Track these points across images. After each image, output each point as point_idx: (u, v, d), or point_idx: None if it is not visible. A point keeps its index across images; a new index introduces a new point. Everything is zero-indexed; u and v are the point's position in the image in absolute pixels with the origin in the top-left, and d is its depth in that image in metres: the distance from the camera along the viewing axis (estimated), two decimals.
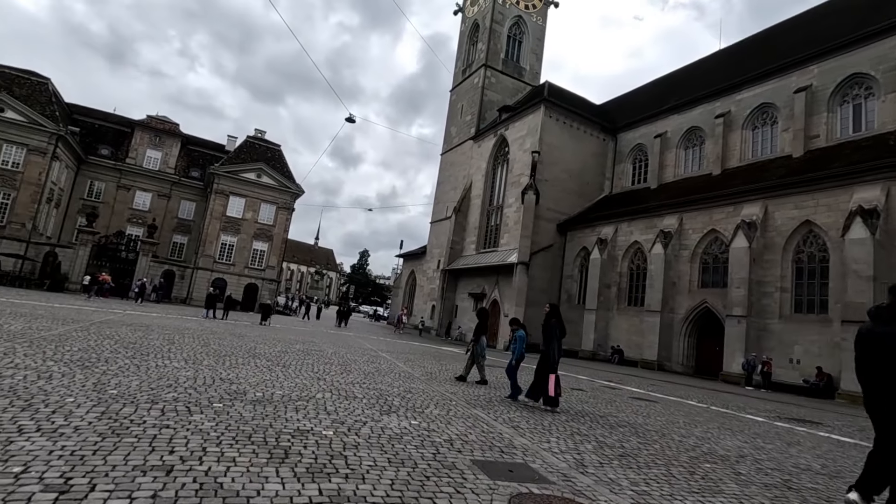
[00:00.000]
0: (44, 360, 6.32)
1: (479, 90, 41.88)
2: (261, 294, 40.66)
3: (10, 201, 33.76)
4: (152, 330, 12.97)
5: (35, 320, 11.49)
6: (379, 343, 21.35)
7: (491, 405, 7.67)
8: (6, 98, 33.69)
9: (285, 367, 8.99)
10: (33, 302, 18.35)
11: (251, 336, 15.49)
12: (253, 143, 43.20)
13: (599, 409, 8.95)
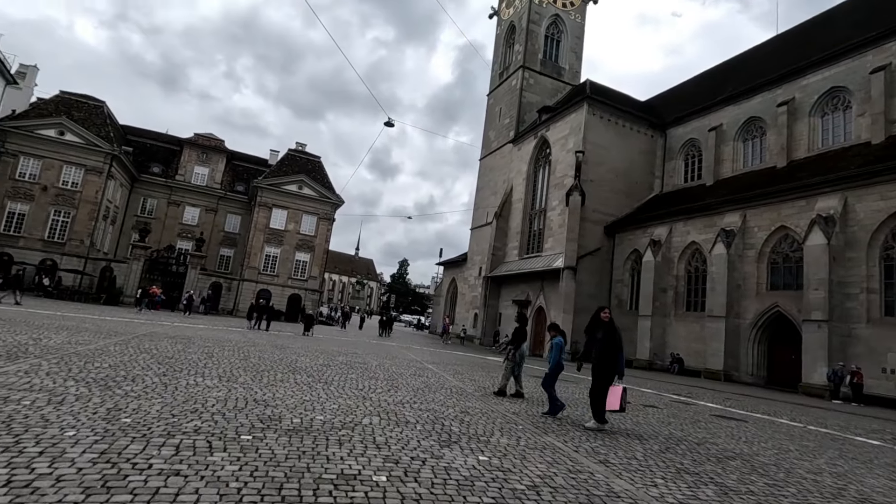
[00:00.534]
0: (64, 380, 5.64)
1: (517, 92, 40.73)
2: (304, 304, 40.65)
3: (70, 219, 35.13)
4: (193, 342, 12.47)
5: (78, 334, 11.16)
6: (423, 353, 20.40)
7: (563, 430, 6.50)
8: (66, 122, 35.23)
9: (327, 383, 8.11)
10: (85, 315, 18.49)
11: (293, 348, 14.84)
12: (294, 156, 43.60)
13: (688, 432, 7.57)
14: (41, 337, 9.64)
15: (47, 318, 14.92)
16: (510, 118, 41.36)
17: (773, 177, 25.26)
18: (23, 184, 33.93)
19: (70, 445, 3.38)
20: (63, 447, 3.33)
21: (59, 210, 34.84)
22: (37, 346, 8.21)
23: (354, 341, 23.48)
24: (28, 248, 33.71)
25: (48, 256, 34.16)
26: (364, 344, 22.02)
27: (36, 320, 13.39)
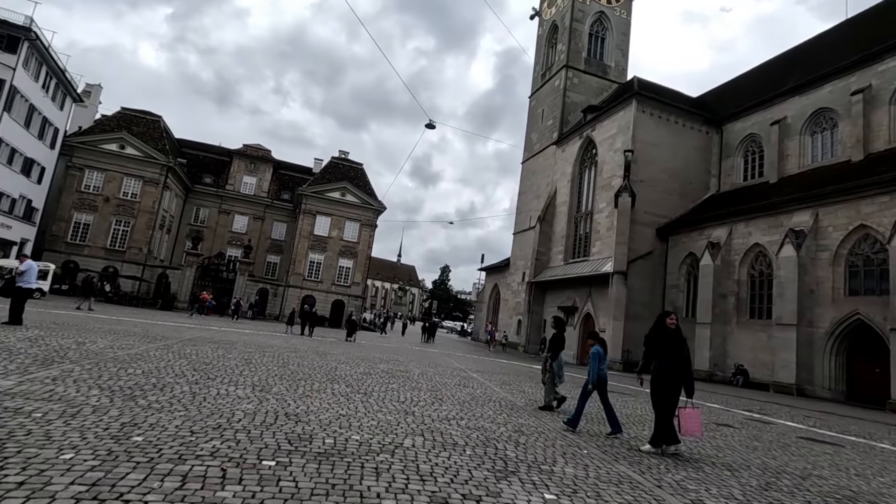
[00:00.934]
0: (89, 389, 5.25)
1: (561, 92, 39.48)
2: (347, 310, 40.77)
3: (130, 229, 36.74)
4: (235, 347, 12.23)
5: (123, 338, 11.12)
6: (467, 361, 19.60)
7: (634, 455, 5.56)
8: (126, 136, 36.98)
9: (367, 394, 7.48)
10: (138, 319, 18.89)
11: (334, 354, 14.42)
12: (337, 164, 44.07)
13: (782, 460, 6.41)
14: (86, 341, 9.56)
15: (101, 322, 15.19)
16: (553, 119, 40.12)
17: (848, 171, 22.93)
18: (87, 195, 35.79)
19: (60, 473, 2.84)
20: (50, 475, 2.79)
21: (120, 220, 36.51)
22: (77, 351, 8.04)
23: (397, 347, 23.00)
24: (92, 256, 35.45)
25: (110, 264, 35.80)
26: (406, 350, 21.47)
27: (89, 324, 13.59)
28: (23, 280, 10.60)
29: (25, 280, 10.64)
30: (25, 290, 10.63)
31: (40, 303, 20.79)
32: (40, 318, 13.17)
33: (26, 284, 10.64)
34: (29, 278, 10.71)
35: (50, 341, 8.76)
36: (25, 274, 10.63)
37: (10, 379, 5.25)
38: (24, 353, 7.11)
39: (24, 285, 10.59)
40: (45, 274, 23.97)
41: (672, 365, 5.90)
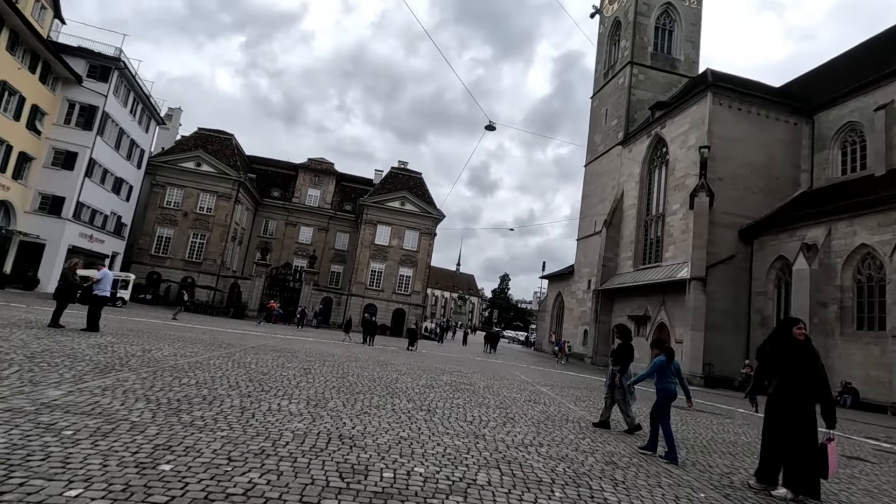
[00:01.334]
0: (135, 401, 4.85)
1: (626, 90, 37.41)
2: (408, 319, 40.62)
3: (205, 241, 38.78)
4: (296, 356, 11.95)
5: (190, 346, 11.12)
6: (533, 374, 18.43)
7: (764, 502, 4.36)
8: (202, 154, 39.23)
9: (430, 411, 6.70)
10: (209, 327, 19.42)
11: (395, 364, 13.85)
12: (396, 174, 44.37)
13: None
14: (152, 348, 9.53)
15: (175, 329, 15.59)
16: (618, 119, 38.08)
17: None
18: (168, 211, 38.22)
19: None
20: None
21: (197, 233, 38.63)
22: (140, 359, 7.90)
23: (459, 358, 22.21)
24: (173, 268, 37.70)
25: (188, 274, 37.89)
26: (469, 361, 20.62)
27: (162, 332, 13.92)
28: (98, 288, 10.88)
29: (101, 288, 10.92)
30: (101, 297, 10.90)
31: (123, 311, 22.00)
32: (119, 326, 13.62)
33: (101, 292, 10.91)
34: (104, 286, 10.98)
35: (118, 348, 8.75)
36: (101, 282, 10.91)
37: (61, 388, 4.96)
38: (87, 360, 6.99)
39: (99, 293, 10.86)
40: (126, 283, 25.45)
41: (800, 385, 4.64)
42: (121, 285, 24.37)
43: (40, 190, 27.04)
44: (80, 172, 27.71)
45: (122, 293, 24.60)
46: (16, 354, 6.59)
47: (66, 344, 8.28)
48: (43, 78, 26.09)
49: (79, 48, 28.09)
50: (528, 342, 55.64)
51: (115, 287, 23.72)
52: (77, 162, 27.67)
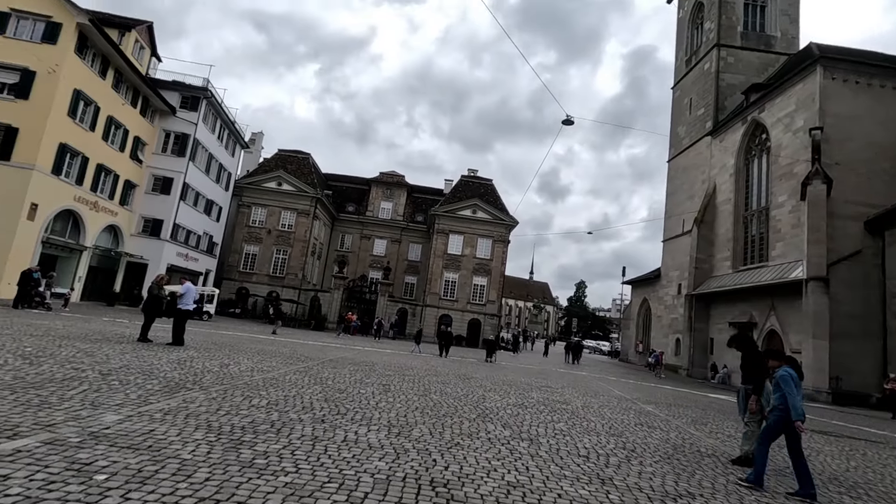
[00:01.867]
0: (195, 429, 4.15)
1: (713, 76, 34.05)
2: (483, 329, 39.42)
3: (287, 257, 40.27)
4: (374, 370, 11.22)
5: (269, 359, 10.76)
6: (627, 388, 16.51)
7: None
8: (283, 174, 40.97)
9: (533, 441, 5.50)
10: (290, 339, 19.52)
11: (477, 378, 12.73)
12: (467, 182, 43.66)
13: None
14: (230, 363, 9.18)
15: (258, 343, 15.63)
16: (704, 108, 34.72)
17: None
18: (254, 229, 40.18)
19: None
20: None
21: (279, 249, 40.23)
22: (214, 375, 7.44)
23: (541, 370, 20.65)
24: (259, 283, 39.46)
25: (273, 289, 39.46)
26: (553, 374, 19.02)
27: (244, 345, 13.88)
28: (182, 302, 10.86)
29: (184, 302, 10.89)
30: (184, 311, 10.86)
31: (211, 324, 22.84)
32: (205, 340, 13.75)
33: (185, 306, 10.88)
34: (187, 301, 10.95)
35: (196, 364, 8.43)
36: (184, 296, 10.89)
37: (120, 412, 4.39)
38: (161, 377, 6.58)
39: (182, 307, 10.83)
40: (211, 298, 26.53)
41: None
42: (206, 299, 25.49)
43: (143, 214, 29.24)
44: (176, 196, 29.67)
45: (208, 307, 25.73)
46: (92, 371, 6.29)
47: (147, 359, 8.06)
48: (143, 111, 28.31)
49: (172, 82, 30.29)
50: (614, 352, 52.05)
51: (201, 301, 24.83)
52: (173, 187, 29.66)
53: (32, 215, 21.30)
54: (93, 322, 14.62)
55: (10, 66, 21.28)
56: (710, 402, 15.37)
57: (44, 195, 21.72)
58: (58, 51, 21.63)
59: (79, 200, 24.06)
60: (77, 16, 21.94)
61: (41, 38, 21.67)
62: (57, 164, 22.17)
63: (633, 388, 17.11)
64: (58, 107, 21.74)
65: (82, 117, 23.60)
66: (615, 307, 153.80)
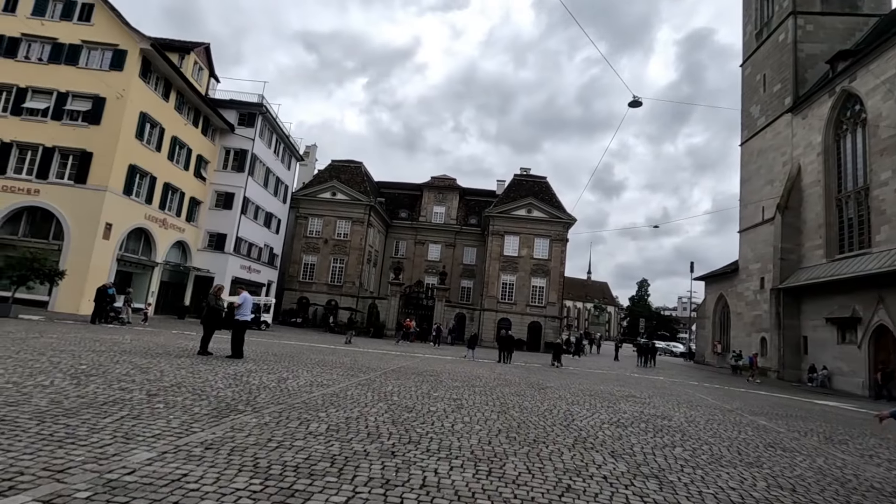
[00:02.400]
0: (238, 471, 3.26)
1: (790, 47, 30.72)
2: (544, 332, 37.67)
3: (344, 265, 40.46)
4: (440, 382, 10.22)
5: (328, 371, 10.04)
6: (719, 395, 14.54)
7: None
8: (337, 184, 41.33)
9: (662, 481, 4.21)
10: (350, 349, 19.00)
11: (553, 387, 11.42)
12: (520, 181, 42.16)
13: None
14: (288, 377, 8.48)
15: (319, 353, 15.12)
16: (781, 83, 31.39)
17: None
18: (311, 239, 40.71)
19: None
20: None
21: (336, 258, 40.50)
22: (271, 392, 6.69)
23: (615, 375, 18.88)
24: (318, 292, 39.87)
25: (332, 298, 39.73)
26: (630, 380, 17.25)
27: (304, 355, 13.35)
28: (240, 313, 10.39)
29: (242, 313, 10.41)
30: (242, 322, 10.37)
31: (271, 334, 22.81)
32: (266, 351, 13.34)
33: (243, 317, 10.39)
34: (245, 311, 10.47)
35: (253, 378, 7.76)
36: (241, 307, 10.41)
37: (153, 447, 3.59)
38: (213, 397, 5.88)
39: (240, 318, 10.35)
40: (268, 307, 26.60)
41: None
42: (263, 309, 25.60)
43: (208, 229, 30.13)
44: (237, 210, 30.36)
45: (265, 317, 25.81)
46: (139, 391, 5.67)
47: (202, 375, 7.47)
48: (204, 130, 29.21)
49: (229, 101, 31.13)
50: (688, 353, 48.28)
51: (258, 311, 24.93)
52: (234, 201, 30.39)
53: (108, 234, 22.21)
54: (161, 335, 14.66)
55: (83, 95, 22.39)
56: (824, 410, 13.17)
57: (117, 215, 22.62)
58: (124, 77, 22.54)
59: (149, 218, 24.97)
60: (140, 42, 22.80)
61: (109, 66, 22.68)
62: (128, 185, 23.06)
63: (726, 394, 15.08)
64: (126, 130, 22.62)
65: (149, 139, 24.51)
66: (681, 305, 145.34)
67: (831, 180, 26.80)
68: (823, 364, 25.15)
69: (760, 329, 31.40)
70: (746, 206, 34.76)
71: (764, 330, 30.87)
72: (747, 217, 34.48)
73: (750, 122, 35.14)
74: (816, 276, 26.05)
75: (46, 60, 22.70)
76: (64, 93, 22.38)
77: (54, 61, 22.68)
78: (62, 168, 22.07)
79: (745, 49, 36.64)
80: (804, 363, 27.15)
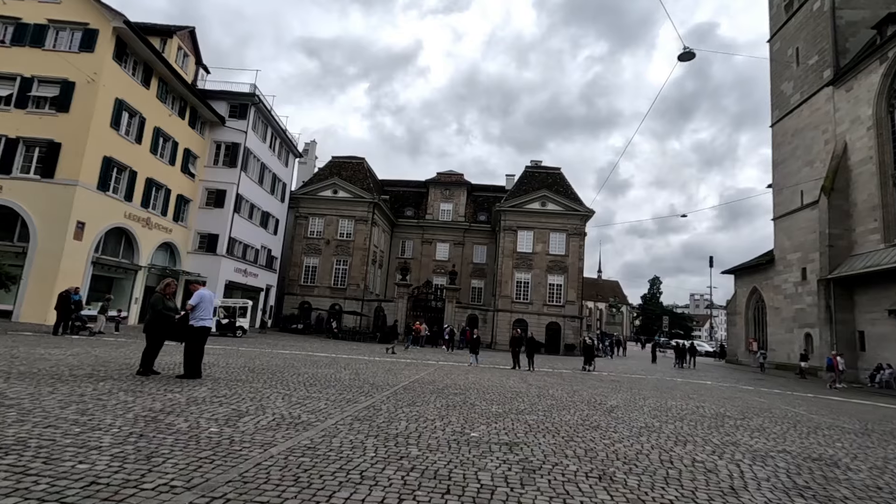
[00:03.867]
0: None
1: (827, 14, 27.74)
2: (564, 334, 34.65)
3: (348, 267, 37.65)
4: (472, 405, 7.31)
5: (316, 393, 7.19)
6: (793, 401, 11.50)
7: None
8: (338, 181, 38.59)
9: None
10: (353, 356, 16.15)
11: (620, 407, 8.46)
12: (532, 172, 39.23)
13: None
14: (251, 409, 5.61)
15: (310, 364, 12.27)
16: (818, 55, 28.38)
17: None
18: (312, 240, 37.93)
19: None
20: None
21: (339, 259, 37.69)
22: (199, 446, 3.83)
23: (660, 381, 15.84)
24: (320, 296, 37.04)
25: (335, 302, 36.90)
26: (684, 387, 14.23)
27: (290, 368, 10.49)
28: (196, 317, 7.54)
29: (198, 317, 7.56)
30: (199, 329, 7.52)
31: (266, 342, 19.94)
32: (242, 364, 10.50)
33: (199, 322, 7.54)
34: (203, 314, 7.62)
35: (188, 415, 4.91)
36: (198, 309, 7.55)
37: None
38: (70, 472, 3.01)
39: (196, 324, 7.50)
40: (244, 311, 23.14)
41: None
42: (239, 313, 22.31)
43: (198, 230, 27.41)
44: (230, 208, 27.64)
45: (242, 321, 22.42)
46: None
47: (98, 415, 4.61)
48: (192, 123, 26.55)
49: (219, 91, 28.49)
50: (719, 352, 44.78)
51: (234, 315, 21.86)
52: (226, 199, 27.68)
53: (80, 235, 19.49)
54: (123, 348, 11.84)
55: (50, 80, 19.75)
56: None
57: (91, 213, 19.90)
58: (95, 58, 19.88)
59: (129, 217, 22.27)
60: (113, 20, 20.16)
61: (79, 47, 20.05)
62: (103, 180, 20.36)
63: (814, 404, 12.05)
64: (99, 118, 19.94)
65: (128, 130, 21.85)
66: (693, 302, 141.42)
67: (885, 156, 23.72)
68: (888, 362, 21.97)
69: (804, 324, 28.25)
70: (781, 191, 31.64)
71: (809, 325, 27.73)
72: (783, 203, 31.36)
73: (781, 100, 32.07)
74: (875, 264, 22.91)
75: (9, 42, 20.09)
76: (28, 78, 19.75)
77: (17, 43, 20.07)
78: (27, 161, 19.40)
79: (772, 23, 33.64)
80: (861, 361, 24.00)
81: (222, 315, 21.23)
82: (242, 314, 22.36)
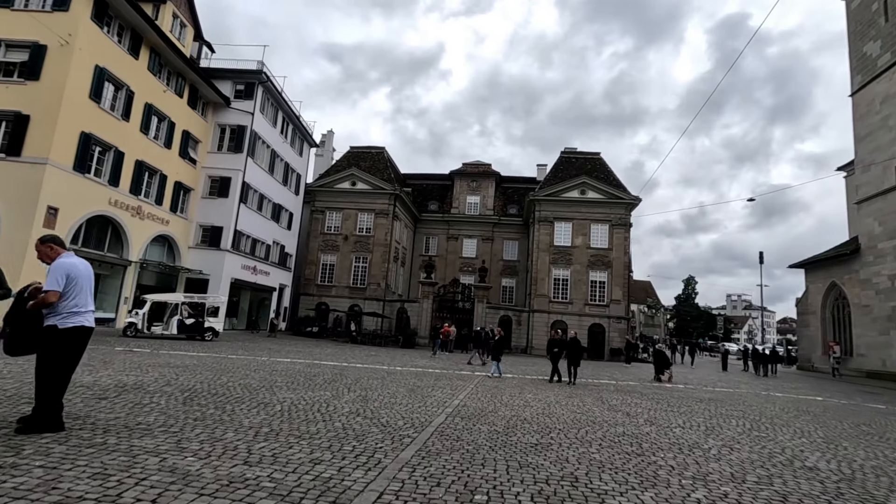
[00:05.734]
0: None
1: None
2: (609, 336, 30.36)
3: (368, 264, 34.21)
4: (548, 449, 3.49)
5: (290, 447, 3.48)
6: None
7: None
8: (356, 172, 35.24)
9: None
10: (369, 365, 12.47)
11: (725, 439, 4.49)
12: (568, 159, 35.10)
13: None
14: None
15: (303, 379, 8.61)
16: None
17: None
18: (329, 236, 34.65)
19: None
20: None
21: (359, 256, 34.30)
22: None
23: (750, 396, 11.62)
24: (339, 296, 33.70)
25: (354, 302, 33.50)
26: (794, 403, 10.02)
27: (268, 391, 6.86)
28: (54, 312, 3.95)
29: (66, 308, 3.98)
30: (65, 333, 3.92)
31: (265, 349, 16.44)
32: (213, 379, 6.93)
33: (66, 319, 3.95)
34: (75, 303, 4.03)
35: None
36: (65, 294, 3.98)
37: None
38: None
39: (59, 322, 3.92)
40: (215, 310, 19.23)
41: None
42: (209, 312, 18.45)
43: (201, 222, 24.33)
44: (235, 198, 24.49)
45: (212, 322, 18.58)
46: None
47: None
48: (192, 103, 23.53)
49: (224, 69, 25.45)
50: (788, 358, 39.39)
51: (204, 314, 18.10)
52: (231, 187, 24.55)
53: (52, 222, 16.42)
54: None
55: (17, 43, 16.83)
56: None
57: (65, 197, 16.84)
58: (70, 17, 16.87)
59: (115, 205, 19.19)
60: None
61: (52, 6, 17.08)
62: (80, 159, 17.31)
63: None
64: (75, 87, 16.91)
65: (113, 104, 18.84)
66: (731, 303, 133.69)
67: None
68: None
69: None
70: (866, 170, 26.73)
71: None
72: (869, 182, 26.44)
73: (865, 63, 27.19)
74: None
75: None
76: None
77: None
78: None
79: None
80: None
81: (186, 314, 17.80)
82: (214, 313, 18.82)
